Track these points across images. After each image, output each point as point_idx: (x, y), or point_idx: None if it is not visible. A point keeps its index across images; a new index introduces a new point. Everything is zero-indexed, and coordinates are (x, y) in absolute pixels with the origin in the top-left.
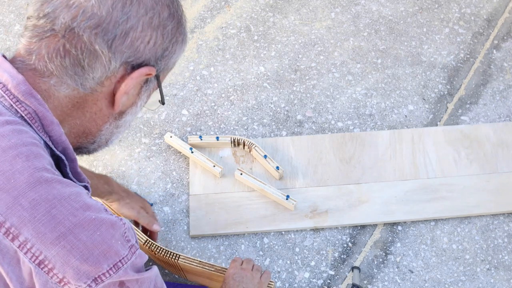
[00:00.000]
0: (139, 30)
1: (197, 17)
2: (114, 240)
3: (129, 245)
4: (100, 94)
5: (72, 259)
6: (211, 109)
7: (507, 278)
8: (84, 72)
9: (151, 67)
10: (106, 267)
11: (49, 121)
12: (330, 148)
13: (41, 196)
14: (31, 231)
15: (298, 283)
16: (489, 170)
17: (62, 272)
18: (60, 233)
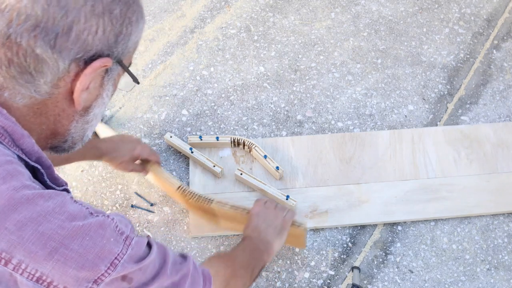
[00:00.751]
0: (83, 22)
1: (197, 17)
2: (106, 239)
3: (123, 237)
4: (58, 95)
5: (69, 270)
6: (211, 109)
7: (507, 278)
8: (33, 78)
9: (106, 58)
10: (104, 268)
11: (19, 135)
12: (330, 148)
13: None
14: (23, 252)
15: (298, 283)
16: (489, 170)
17: (62, 283)
18: (51, 248)
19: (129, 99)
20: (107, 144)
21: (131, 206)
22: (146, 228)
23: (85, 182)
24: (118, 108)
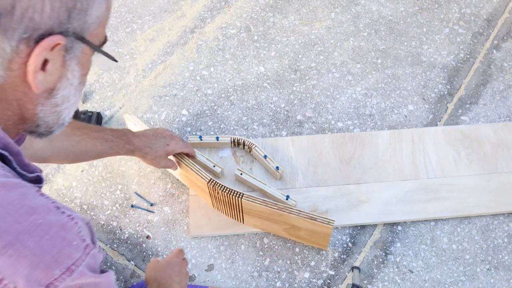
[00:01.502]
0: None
1: (197, 17)
2: (66, 242)
3: (84, 245)
4: (15, 79)
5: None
6: (211, 109)
7: (507, 278)
8: None
9: (57, 36)
10: (58, 272)
11: None
12: (330, 148)
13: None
14: None
15: (298, 283)
16: (489, 170)
17: (13, 281)
18: (6, 242)
19: (129, 99)
20: (140, 139)
21: (131, 206)
22: (146, 228)
23: (85, 182)
24: (118, 108)
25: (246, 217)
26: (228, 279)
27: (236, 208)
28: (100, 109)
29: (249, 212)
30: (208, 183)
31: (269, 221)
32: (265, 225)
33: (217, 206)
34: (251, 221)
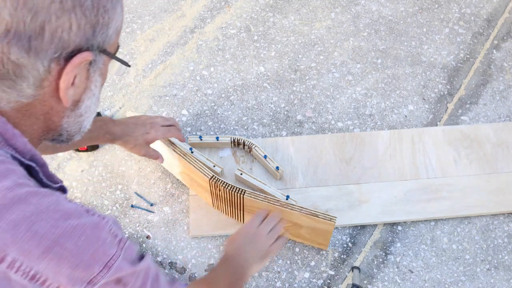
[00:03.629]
0: (54, 20)
1: (197, 17)
2: (101, 240)
3: (117, 240)
4: (44, 95)
5: (63, 269)
6: (211, 109)
7: (507, 278)
8: (15, 83)
9: (85, 53)
10: (98, 269)
11: (10, 135)
12: (330, 148)
13: (18, 216)
14: (17, 250)
15: (298, 283)
16: (489, 170)
17: (57, 281)
18: (45, 247)
19: (129, 99)
20: (120, 127)
21: (131, 206)
22: (146, 228)
23: (85, 182)
24: (118, 108)
25: (247, 215)
26: None
27: (237, 206)
28: (100, 109)
29: (250, 209)
30: (210, 180)
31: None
32: None
33: (217, 204)
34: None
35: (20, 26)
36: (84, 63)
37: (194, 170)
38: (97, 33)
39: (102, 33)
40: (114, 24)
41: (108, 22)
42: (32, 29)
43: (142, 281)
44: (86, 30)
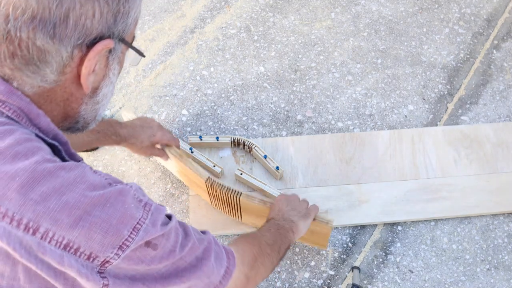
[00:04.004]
0: (78, 8)
1: (197, 17)
2: (127, 205)
3: (142, 204)
4: (65, 81)
5: (94, 235)
6: (211, 109)
7: (507, 278)
8: (39, 69)
9: (107, 40)
10: (127, 233)
11: (35, 114)
12: (330, 148)
13: (49, 188)
14: (49, 220)
15: (298, 283)
16: (489, 170)
17: (89, 248)
18: (76, 216)
19: (129, 99)
20: (127, 129)
21: None
22: None
23: None
24: (118, 108)
25: (245, 215)
26: None
27: (234, 207)
28: None
29: (247, 210)
30: (206, 181)
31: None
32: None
33: (216, 203)
34: (250, 219)
35: (45, 13)
36: (104, 51)
37: (190, 172)
38: (118, 22)
39: (122, 22)
40: (133, 14)
41: (128, 11)
42: (57, 16)
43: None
44: (108, 18)
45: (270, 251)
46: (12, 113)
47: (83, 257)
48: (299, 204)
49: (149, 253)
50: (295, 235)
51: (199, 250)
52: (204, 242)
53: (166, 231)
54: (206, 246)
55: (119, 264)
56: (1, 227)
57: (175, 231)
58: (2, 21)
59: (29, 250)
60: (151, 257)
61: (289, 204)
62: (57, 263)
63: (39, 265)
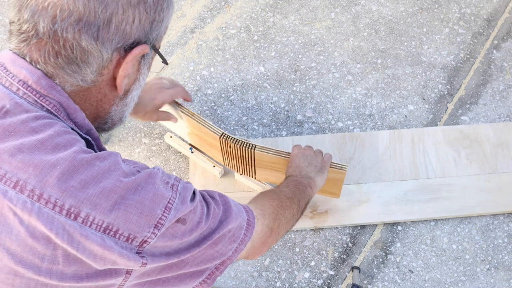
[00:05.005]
0: (121, 14)
1: (197, 17)
2: (156, 186)
3: (170, 185)
4: (101, 82)
5: (130, 216)
6: (211, 109)
7: (507, 278)
8: (80, 68)
9: (143, 45)
10: (160, 212)
11: (72, 109)
12: (330, 148)
13: (87, 175)
14: (89, 205)
15: (298, 283)
16: (489, 170)
17: (127, 230)
18: (113, 200)
19: None
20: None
21: None
22: None
23: None
24: None
25: (258, 170)
26: (228, 279)
27: (248, 162)
28: None
29: (261, 164)
30: (220, 137)
31: (281, 173)
32: (277, 178)
33: (228, 162)
34: (263, 174)
35: (91, 16)
36: (139, 56)
37: (204, 129)
38: (153, 29)
39: (156, 29)
40: (165, 23)
41: (162, 20)
42: (101, 19)
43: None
44: (145, 25)
45: (290, 203)
46: (52, 107)
47: (122, 239)
48: (315, 157)
49: (180, 228)
50: (314, 190)
51: (220, 214)
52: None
53: (194, 207)
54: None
55: (155, 243)
56: (44, 213)
57: (200, 204)
58: (49, 21)
59: (72, 234)
60: (182, 232)
61: (305, 159)
62: (99, 245)
63: (80, 249)
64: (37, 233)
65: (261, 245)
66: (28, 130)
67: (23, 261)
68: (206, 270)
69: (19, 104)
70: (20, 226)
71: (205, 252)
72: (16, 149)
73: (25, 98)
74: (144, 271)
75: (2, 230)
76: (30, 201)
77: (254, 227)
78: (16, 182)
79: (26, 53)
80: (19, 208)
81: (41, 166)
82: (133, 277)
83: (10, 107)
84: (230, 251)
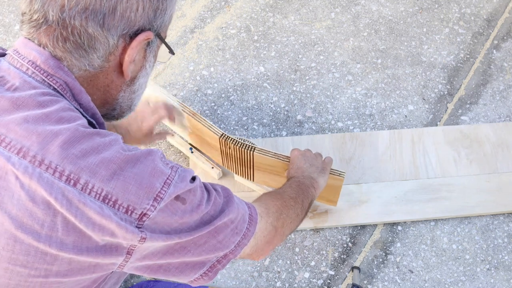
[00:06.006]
0: (125, 2)
1: (197, 17)
2: (156, 162)
3: (169, 166)
4: (108, 68)
5: (130, 186)
6: (211, 109)
7: (507, 278)
8: (87, 53)
9: (147, 32)
10: (159, 186)
11: (78, 90)
12: (330, 148)
13: (88, 146)
14: (89, 173)
15: (298, 283)
16: (489, 170)
17: (126, 201)
18: (113, 170)
19: None
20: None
21: None
22: None
23: None
24: None
25: (257, 173)
26: (228, 279)
27: (246, 164)
28: None
29: (259, 167)
30: (220, 137)
31: (279, 176)
32: (275, 181)
33: (227, 164)
34: (261, 177)
35: (97, 4)
36: (143, 43)
37: (204, 129)
38: (157, 17)
39: (160, 18)
40: (169, 12)
41: (166, 9)
42: (107, 7)
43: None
44: (149, 13)
45: (294, 203)
46: (58, 86)
47: (121, 210)
48: (315, 159)
49: (179, 206)
50: (317, 191)
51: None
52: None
53: (192, 187)
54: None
55: (155, 217)
56: (45, 178)
57: (200, 189)
58: (57, 10)
59: (71, 200)
60: (182, 210)
61: (306, 160)
62: (97, 214)
63: (79, 216)
64: (37, 198)
65: (266, 244)
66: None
67: (23, 226)
68: (208, 262)
69: (28, 82)
70: (21, 190)
71: (207, 240)
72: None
73: (33, 76)
74: (145, 253)
75: (5, 194)
76: (31, 166)
77: (256, 223)
78: (20, 148)
79: (36, 37)
80: (21, 172)
81: (44, 135)
82: (134, 258)
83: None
84: (232, 244)
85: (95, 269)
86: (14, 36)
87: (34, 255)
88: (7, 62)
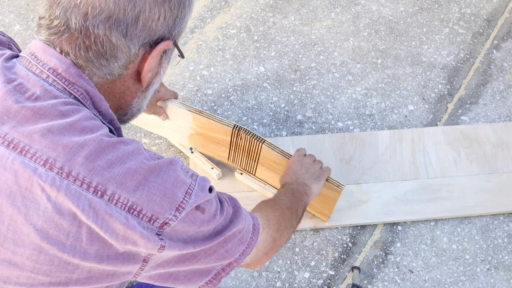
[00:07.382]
0: (148, 11)
1: (197, 17)
2: (178, 172)
3: (189, 174)
4: (126, 76)
5: (154, 197)
6: (211, 109)
7: (507, 278)
8: (108, 62)
9: (167, 41)
10: (181, 196)
11: (98, 98)
12: (330, 148)
13: (113, 156)
14: (115, 184)
15: (298, 283)
16: (489, 170)
17: (150, 211)
18: (138, 180)
19: None
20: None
21: None
22: None
23: None
24: None
25: (260, 167)
26: (228, 279)
27: (253, 156)
28: None
29: (264, 162)
30: (233, 128)
31: (279, 175)
32: (273, 180)
33: (233, 156)
34: (263, 173)
35: (120, 14)
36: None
37: (213, 124)
38: (175, 25)
39: (178, 26)
40: (186, 19)
41: (184, 17)
42: (130, 17)
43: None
44: (169, 22)
45: (290, 214)
46: (79, 94)
47: (145, 219)
48: (313, 165)
49: (198, 216)
50: (309, 198)
51: (231, 213)
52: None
53: (210, 197)
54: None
55: (175, 226)
56: (72, 189)
57: (215, 198)
58: (80, 18)
59: (97, 211)
60: (201, 220)
61: (303, 166)
62: (122, 224)
63: (104, 227)
64: (63, 210)
65: (264, 255)
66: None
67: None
68: (213, 270)
69: (49, 91)
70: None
71: (216, 250)
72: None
73: (54, 85)
74: (159, 261)
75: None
76: (59, 178)
77: (259, 233)
78: (46, 160)
79: (57, 44)
80: (48, 185)
81: (69, 146)
82: (149, 266)
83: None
84: (237, 253)
85: (112, 278)
86: (14, 36)
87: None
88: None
